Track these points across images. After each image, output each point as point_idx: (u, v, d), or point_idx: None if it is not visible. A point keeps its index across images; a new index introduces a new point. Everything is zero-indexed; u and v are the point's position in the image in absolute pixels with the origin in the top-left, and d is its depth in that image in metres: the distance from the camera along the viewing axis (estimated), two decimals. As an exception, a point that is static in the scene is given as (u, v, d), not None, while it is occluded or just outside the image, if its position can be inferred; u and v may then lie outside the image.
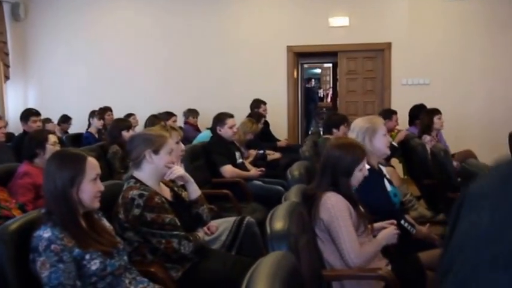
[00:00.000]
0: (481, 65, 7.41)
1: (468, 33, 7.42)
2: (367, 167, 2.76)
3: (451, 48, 7.48)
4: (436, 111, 5.43)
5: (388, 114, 5.89)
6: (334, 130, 4.81)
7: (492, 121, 7.39)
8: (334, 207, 2.35)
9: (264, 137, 6.54)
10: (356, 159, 2.51)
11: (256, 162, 5.35)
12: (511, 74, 7.36)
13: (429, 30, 7.52)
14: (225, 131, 4.74)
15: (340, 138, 2.80)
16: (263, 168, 4.92)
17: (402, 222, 2.85)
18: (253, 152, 5.49)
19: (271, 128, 7.19)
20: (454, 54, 7.48)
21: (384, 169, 3.23)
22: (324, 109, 14.08)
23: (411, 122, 6.27)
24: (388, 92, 7.65)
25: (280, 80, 7.88)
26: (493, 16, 7.35)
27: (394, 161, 5.97)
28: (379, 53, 7.72)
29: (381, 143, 3.09)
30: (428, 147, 4.82)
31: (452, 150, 5.79)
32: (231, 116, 4.83)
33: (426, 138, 5.26)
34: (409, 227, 2.86)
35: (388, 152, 3.15)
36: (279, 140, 6.96)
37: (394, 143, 5.59)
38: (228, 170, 4.57)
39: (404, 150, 5.52)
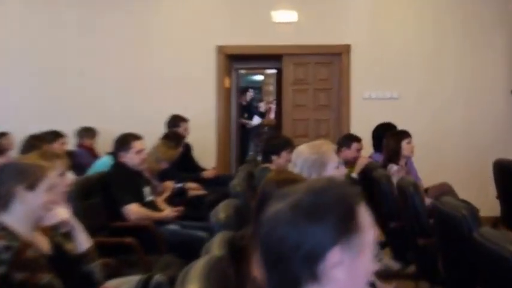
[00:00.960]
0: (459, 73, 7.79)
1: (441, 34, 7.80)
2: None
3: (425, 54, 7.82)
4: (404, 134, 5.61)
5: (346, 141, 6.08)
6: (274, 157, 4.88)
7: (476, 144, 7.75)
8: None
9: (184, 166, 6.52)
10: None
11: (173, 199, 5.33)
12: (495, 83, 7.78)
13: (398, 30, 7.85)
14: (130, 158, 4.73)
15: (281, 173, 2.82)
16: (182, 208, 4.90)
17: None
18: (168, 186, 5.46)
19: (194, 153, 7.19)
20: (429, 60, 7.82)
21: None
22: (266, 128, 14.22)
23: (376, 147, 6.45)
24: (346, 108, 7.86)
25: (207, 90, 7.92)
26: (472, 14, 7.78)
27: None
28: (336, 58, 7.94)
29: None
30: (394, 179, 4.96)
31: (427, 182, 6.02)
32: (139, 137, 4.81)
33: (393, 168, 5.41)
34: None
35: None
36: (204, 170, 6.96)
37: (354, 175, 5.75)
38: (133, 210, 4.55)
39: (365, 184, 5.65)
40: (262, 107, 15.60)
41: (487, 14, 7.77)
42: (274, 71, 13.00)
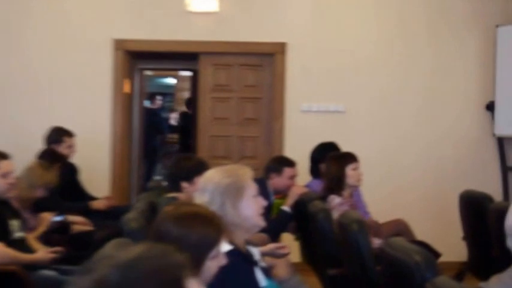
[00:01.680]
0: (421, 83, 7.96)
1: (406, 33, 7.96)
2: (227, 248, 2.83)
3: (379, 59, 7.95)
4: (350, 158, 5.68)
5: (277, 166, 6.11)
6: (185, 184, 4.85)
7: (442, 172, 7.93)
8: None
9: (68, 193, 6.45)
10: (207, 242, 2.57)
11: (51, 236, 5.29)
12: (466, 96, 7.99)
13: (348, 28, 7.96)
14: None
15: (182, 206, 2.86)
16: (61, 248, 4.84)
17: None
18: (45, 219, 5.40)
19: (81, 177, 7.12)
20: (384, 67, 7.95)
21: (257, 251, 3.35)
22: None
23: (314, 173, 6.52)
24: (279, 123, 7.93)
25: (100, 97, 7.86)
26: (438, 12, 7.98)
27: (287, 238, 6.15)
28: (267, 60, 8.01)
29: (249, 210, 3.23)
30: (335, 214, 5.02)
31: (379, 219, 6.11)
32: (5, 156, 4.77)
33: (334, 200, 5.47)
34: None
35: (262, 222, 3.28)
36: (94, 199, 6.87)
37: (286, 208, 5.77)
38: None
39: (299, 219, 5.68)
40: (174, 118, 15.57)
41: (458, 12, 7.97)
42: (189, 73, 13.03)
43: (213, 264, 2.57)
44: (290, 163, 6.15)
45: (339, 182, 5.57)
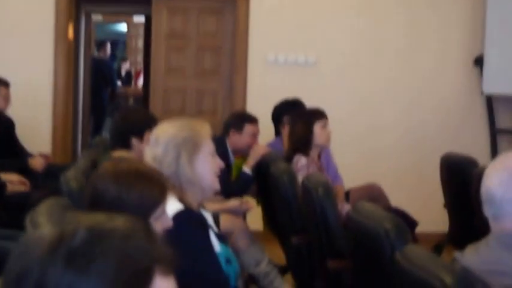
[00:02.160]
0: (404, 32, 7.92)
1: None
2: (176, 207, 2.92)
3: (354, 4, 7.90)
4: (317, 115, 5.67)
5: (237, 122, 6.11)
6: (134, 141, 4.82)
7: (422, 132, 7.92)
8: None
9: (3, 149, 6.44)
10: (149, 201, 2.58)
11: None
12: (454, 48, 7.95)
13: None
14: None
15: (122, 162, 2.88)
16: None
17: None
18: None
19: (19, 134, 7.04)
20: (360, 13, 7.89)
21: (210, 217, 3.39)
22: (132, 99, 14.15)
23: (278, 131, 6.53)
24: (242, 76, 7.90)
25: (41, 43, 7.76)
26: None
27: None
28: (229, 4, 7.95)
29: (205, 168, 3.27)
30: (300, 177, 4.99)
31: (352, 183, 6.21)
32: None
33: (300, 161, 5.48)
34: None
35: (217, 185, 3.33)
36: (30, 155, 6.81)
37: (246, 169, 5.77)
38: None
39: (260, 182, 5.69)
40: (126, 68, 15.51)
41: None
42: (142, 19, 12.92)
43: (156, 226, 2.58)
44: (252, 119, 6.14)
45: (305, 141, 5.57)
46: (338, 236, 4.21)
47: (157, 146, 3.23)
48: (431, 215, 6.50)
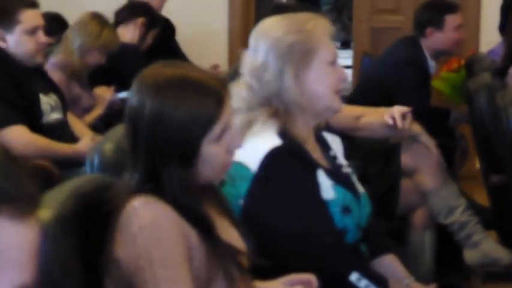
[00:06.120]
0: None
1: None
2: (273, 143, 2.70)
3: None
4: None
5: (436, 15, 5.42)
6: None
7: None
8: (147, 232, 2.30)
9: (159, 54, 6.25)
10: (199, 119, 2.34)
11: (111, 120, 5.01)
12: None
13: None
14: (20, 42, 4.35)
15: (168, 67, 2.48)
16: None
17: (354, 278, 2.78)
18: (103, 95, 5.26)
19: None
20: None
21: (336, 140, 3.14)
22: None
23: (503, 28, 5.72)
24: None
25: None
26: None
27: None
28: None
29: (320, 85, 2.86)
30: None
31: None
32: (32, 3, 4.39)
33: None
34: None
35: (336, 105, 2.95)
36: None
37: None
38: (18, 134, 4.24)
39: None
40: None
41: None
42: None
43: (215, 152, 2.34)
44: (453, 8, 5.55)
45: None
46: None
47: (256, 53, 2.87)
48: None
